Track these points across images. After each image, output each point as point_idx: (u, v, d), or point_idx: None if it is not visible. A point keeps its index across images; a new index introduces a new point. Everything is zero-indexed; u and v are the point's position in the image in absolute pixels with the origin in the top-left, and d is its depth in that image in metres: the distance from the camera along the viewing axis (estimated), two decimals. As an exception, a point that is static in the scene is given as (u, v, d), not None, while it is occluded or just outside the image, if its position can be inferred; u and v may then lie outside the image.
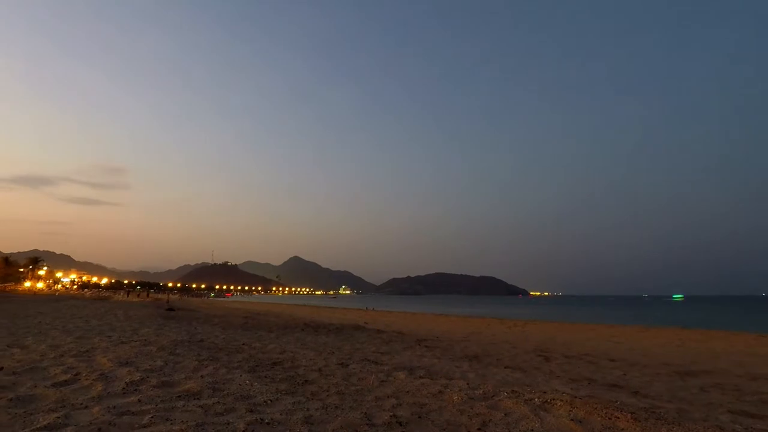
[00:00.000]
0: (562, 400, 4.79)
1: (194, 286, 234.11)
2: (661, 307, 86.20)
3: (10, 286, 75.66)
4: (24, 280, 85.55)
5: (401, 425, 3.85)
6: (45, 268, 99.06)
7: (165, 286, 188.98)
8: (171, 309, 24.37)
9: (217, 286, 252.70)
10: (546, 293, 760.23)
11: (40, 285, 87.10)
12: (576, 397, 5.19)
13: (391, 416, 4.05)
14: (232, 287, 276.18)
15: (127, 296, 60.37)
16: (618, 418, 4.21)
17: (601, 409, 4.46)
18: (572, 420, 4.14)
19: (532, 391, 5.35)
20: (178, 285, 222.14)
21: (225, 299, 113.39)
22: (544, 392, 5.37)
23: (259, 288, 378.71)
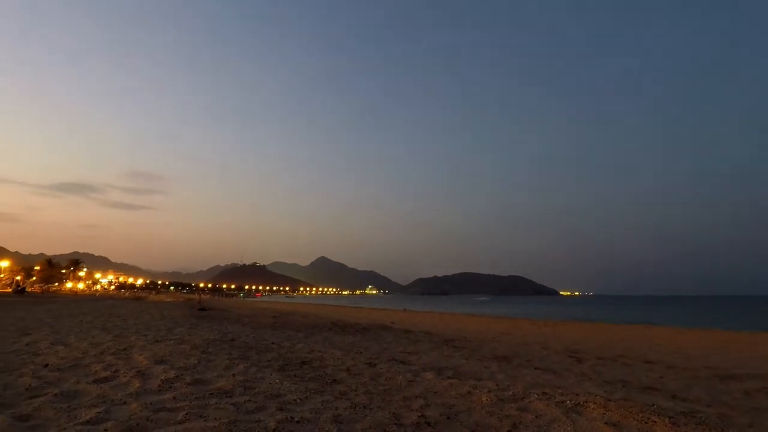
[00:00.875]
0: (595, 403, 4.63)
1: (225, 286, 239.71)
2: (701, 308, 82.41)
3: (54, 287, 79.60)
4: (66, 281, 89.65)
5: (430, 426, 3.82)
6: (85, 269, 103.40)
7: (197, 286, 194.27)
8: (203, 309, 25.08)
9: (247, 287, 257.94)
10: (577, 293, 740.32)
11: (81, 286, 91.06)
12: (610, 399, 5.01)
13: (419, 416, 4.03)
14: (261, 287, 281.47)
15: (156, 294, 62.98)
16: (655, 422, 4.04)
17: (637, 413, 4.29)
18: (607, 423, 4.00)
19: (564, 393, 5.19)
20: (209, 285, 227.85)
21: (254, 299, 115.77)
22: (577, 394, 5.19)
23: (287, 288, 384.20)
